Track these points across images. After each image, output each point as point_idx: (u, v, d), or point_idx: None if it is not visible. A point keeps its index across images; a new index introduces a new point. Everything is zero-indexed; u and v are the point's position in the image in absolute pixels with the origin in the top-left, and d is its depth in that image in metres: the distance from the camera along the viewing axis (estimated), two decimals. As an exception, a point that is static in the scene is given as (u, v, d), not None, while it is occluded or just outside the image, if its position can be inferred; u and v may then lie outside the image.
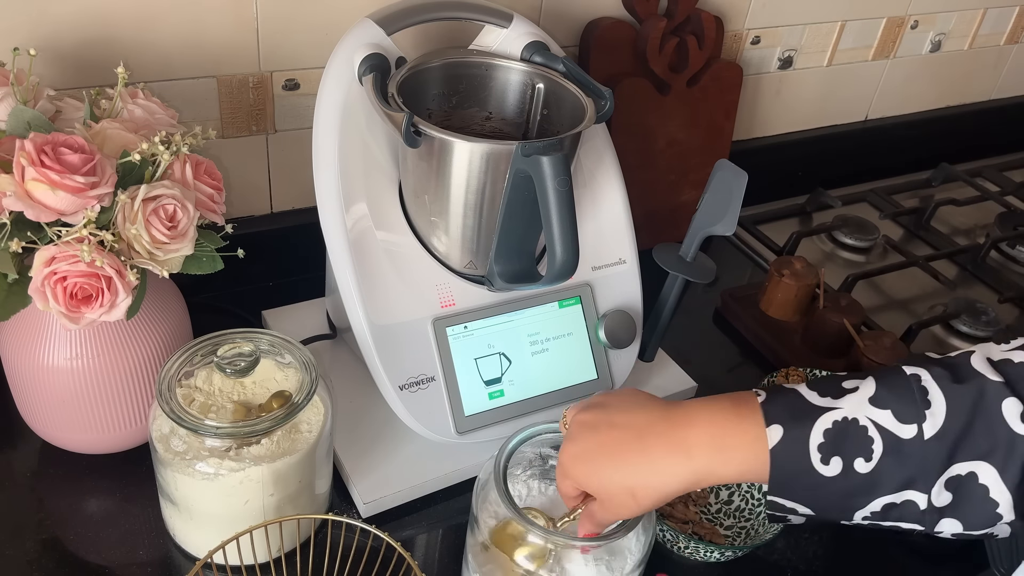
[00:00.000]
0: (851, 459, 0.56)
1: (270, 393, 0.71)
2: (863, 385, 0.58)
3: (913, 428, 0.55)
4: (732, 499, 0.84)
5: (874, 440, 0.56)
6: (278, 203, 1.02)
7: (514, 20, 0.82)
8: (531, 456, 0.72)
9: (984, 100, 1.57)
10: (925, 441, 0.55)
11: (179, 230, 0.68)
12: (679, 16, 1.07)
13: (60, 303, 0.65)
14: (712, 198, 0.84)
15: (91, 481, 0.78)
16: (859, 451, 0.56)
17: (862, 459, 0.56)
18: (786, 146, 1.35)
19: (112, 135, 0.70)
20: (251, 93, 0.92)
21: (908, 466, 0.55)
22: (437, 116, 0.82)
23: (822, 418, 0.57)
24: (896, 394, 0.56)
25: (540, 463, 0.72)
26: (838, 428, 0.56)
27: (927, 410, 0.55)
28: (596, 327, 0.85)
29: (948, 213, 1.38)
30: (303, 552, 0.73)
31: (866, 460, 0.56)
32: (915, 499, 0.56)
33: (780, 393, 0.59)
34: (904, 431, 0.55)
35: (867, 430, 0.56)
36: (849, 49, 1.32)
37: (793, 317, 1.06)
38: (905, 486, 0.56)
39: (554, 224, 0.69)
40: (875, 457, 0.55)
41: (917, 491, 0.56)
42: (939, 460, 0.55)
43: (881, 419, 0.56)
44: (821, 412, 0.57)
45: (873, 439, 0.56)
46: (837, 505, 0.57)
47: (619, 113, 1.05)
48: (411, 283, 0.78)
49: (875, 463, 0.56)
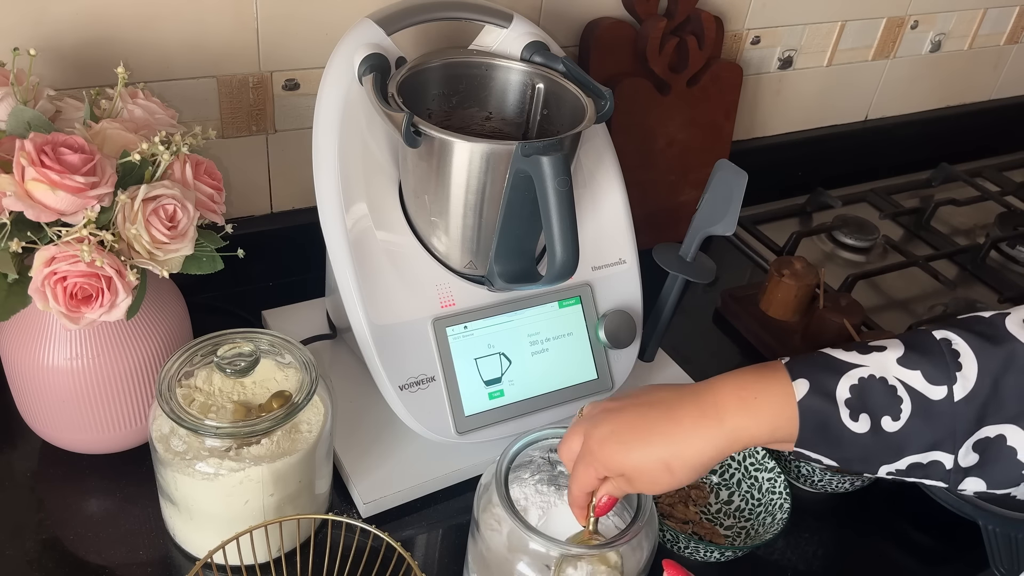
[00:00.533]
0: (879, 416, 0.56)
1: (270, 393, 0.71)
2: (890, 346, 0.58)
3: (943, 389, 0.55)
4: (732, 499, 0.84)
5: (903, 400, 0.55)
6: (278, 203, 1.02)
7: (514, 20, 0.82)
8: (539, 461, 0.72)
9: (984, 100, 1.57)
10: (955, 403, 0.55)
11: (179, 230, 0.68)
12: (679, 16, 1.07)
13: (60, 303, 0.65)
14: (712, 198, 0.84)
15: (91, 481, 0.78)
16: (887, 409, 0.56)
17: (889, 417, 0.55)
18: (786, 146, 1.35)
19: (112, 135, 0.70)
20: (251, 93, 0.92)
21: (937, 427, 0.55)
22: (437, 116, 0.82)
23: (848, 374, 0.56)
24: (926, 356, 0.56)
25: (548, 468, 0.72)
26: (864, 384, 0.56)
27: (958, 372, 0.55)
28: (596, 327, 0.85)
29: (948, 213, 1.38)
30: (303, 552, 0.73)
31: (893, 419, 0.55)
32: (941, 459, 0.56)
33: (803, 355, 0.59)
34: (934, 392, 0.55)
35: (896, 389, 0.56)
36: (849, 49, 1.32)
37: (793, 317, 1.06)
38: (933, 447, 0.55)
39: (554, 224, 0.69)
40: (903, 416, 0.55)
41: (944, 451, 0.55)
42: (969, 422, 0.55)
43: (910, 379, 0.56)
44: (848, 368, 0.57)
45: (902, 399, 0.55)
46: (862, 459, 0.57)
47: (619, 113, 1.05)
48: (411, 283, 0.78)
49: (903, 422, 0.55)
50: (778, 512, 0.79)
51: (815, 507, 0.86)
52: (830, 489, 0.84)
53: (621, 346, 0.85)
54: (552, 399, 0.83)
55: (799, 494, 0.85)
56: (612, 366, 0.86)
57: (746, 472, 0.84)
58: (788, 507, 0.78)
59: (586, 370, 0.85)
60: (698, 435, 0.59)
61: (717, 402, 0.59)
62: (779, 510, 0.79)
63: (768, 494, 0.81)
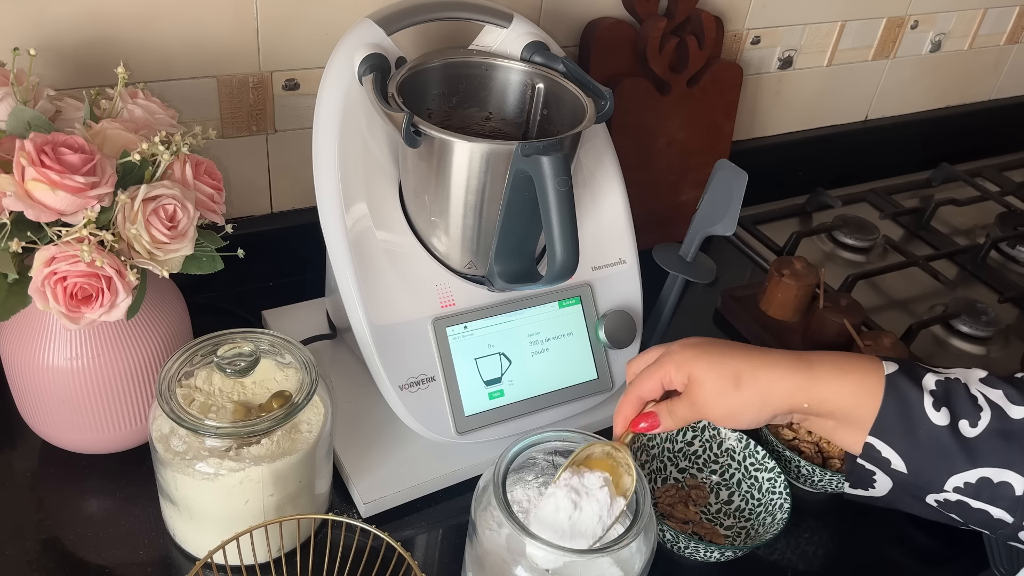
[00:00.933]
0: (958, 418, 0.55)
1: (270, 393, 0.71)
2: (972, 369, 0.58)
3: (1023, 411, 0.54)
4: (732, 499, 0.84)
5: (983, 409, 0.55)
6: (278, 203, 1.02)
7: (514, 20, 0.82)
8: (543, 463, 0.71)
9: (984, 100, 1.57)
10: None
11: (179, 230, 0.68)
12: (679, 16, 1.07)
13: (60, 303, 0.65)
14: (712, 198, 0.84)
15: (91, 481, 0.78)
16: (967, 413, 0.55)
17: (967, 422, 0.55)
18: (786, 146, 1.35)
19: (112, 135, 0.70)
20: (251, 93, 0.92)
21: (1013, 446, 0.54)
22: (437, 116, 0.82)
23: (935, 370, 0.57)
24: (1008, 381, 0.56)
25: (552, 471, 0.72)
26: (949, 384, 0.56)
27: None
28: (596, 327, 0.85)
29: (948, 213, 1.38)
30: (303, 552, 0.73)
31: (971, 425, 0.55)
32: (1013, 482, 0.54)
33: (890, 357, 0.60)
34: (1014, 412, 0.55)
35: (977, 399, 0.55)
36: (849, 49, 1.32)
37: (793, 317, 1.06)
38: (1007, 465, 0.54)
39: (554, 224, 0.69)
40: (981, 426, 0.55)
41: (1017, 473, 0.54)
42: None
43: (992, 395, 0.55)
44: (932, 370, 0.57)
45: (982, 408, 0.55)
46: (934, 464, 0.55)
47: (619, 113, 1.05)
48: (411, 283, 0.78)
49: (980, 431, 0.54)
50: (778, 512, 0.79)
51: (815, 507, 0.86)
52: (830, 489, 0.84)
53: (621, 346, 0.85)
54: (552, 399, 0.83)
55: (799, 494, 0.85)
56: (612, 366, 0.86)
57: (746, 472, 0.84)
58: (788, 507, 0.78)
59: (586, 370, 0.85)
60: (782, 368, 0.58)
61: (810, 358, 0.59)
62: (779, 510, 0.79)
63: (768, 494, 0.81)
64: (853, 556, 0.82)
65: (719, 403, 0.59)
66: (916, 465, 0.56)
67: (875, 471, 0.58)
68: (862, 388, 0.57)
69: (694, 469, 0.86)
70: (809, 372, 0.58)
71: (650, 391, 0.62)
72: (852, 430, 0.58)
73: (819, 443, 0.86)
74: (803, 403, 0.58)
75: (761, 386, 0.58)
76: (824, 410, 0.57)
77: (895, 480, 0.57)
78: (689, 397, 0.60)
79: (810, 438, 0.86)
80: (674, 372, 0.61)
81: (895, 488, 0.58)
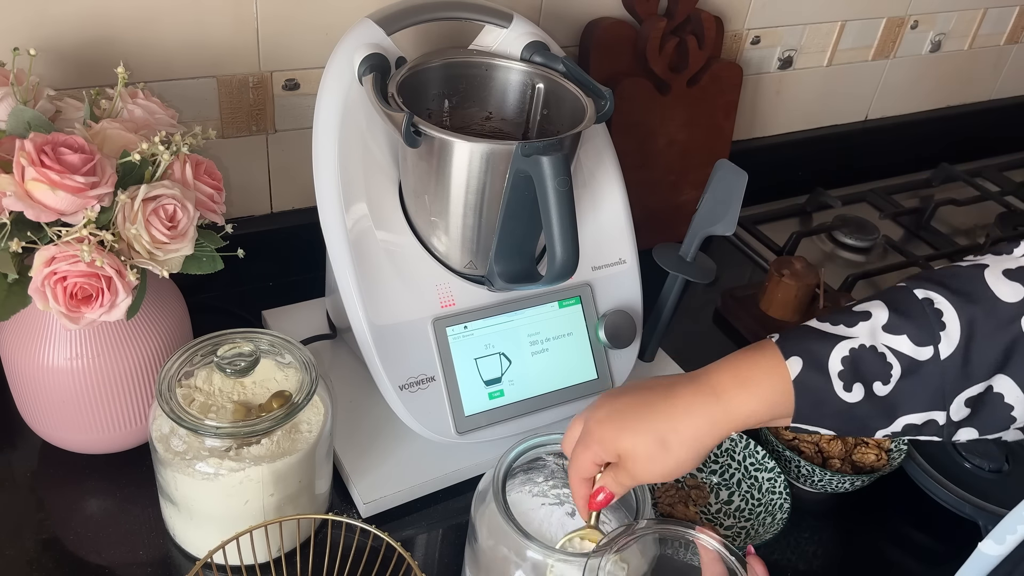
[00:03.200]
0: (870, 383, 0.56)
1: (270, 393, 0.71)
2: (874, 311, 0.58)
3: (929, 350, 0.56)
4: (732, 499, 0.84)
5: (892, 365, 0.56)
6: (278, 203, 1.02)
7: (514, 20, 0.82)
8: (553, 467, 0.71)
9: (984, 100, 1.57)
10: (942, 361, 0.56)
11: (179, 230, 0.68)
12: (679, 16, 1.07)
13: (60, 303, 0.65)
14: (712, 198, 0.84)
15: (91, 481, 0.78)
16: (877, 375, 0.56)
17: (880, 382, 0.56)
18: (786, 146, 1.35)
19: (112, 135, 0.70)
20: (251, 93, 0.92)
21: (928, 387, 0.56)
22: (437, 116, 0.82)
23: (839, 346, 0.57)
24: (910, 319, 0.57)
25: (563, 474, 0.71)
26: (855, 355, 0.56)
27: (942, 331, 0.56)
28: (596, 327, 0.85)
29: (948, 213, 1.38)
30: (303, 552, 0.73)
31: (884, 383, 0.56)
32: (935, 417, 0.57)
33: (792, 330, 0.60)
34: (921, 353, 0.56)
35: (885, 356, 0.56)
36: (849, 49, 1.32)
37: (793, 317, 1.06)
38: (925, 407, 0.56)
39: (554, 224, 0.69)
40: (893, 380, 0.56)
41: (936, 409, 0.56)
42: (956, 379, 0.56)
43: (897, 344, 0.56)
44: (837, 340, 0.57)
45: (891, 364, 0.56)
46: (859, 427, 0.58)
47: (619, 113, 1.05)
48: (411, 283, 0.78)
49: (893, 386, 0.56)
50: (778, 512, 0.79)
51: (815, 507, 0.86)
52: (830, 489, 0.84)
53: (621, 346, 0.85)
54: (552, 399, 0.83)
55: (799, 494, 0.85)
56: (612, 366, 0.86)
57: (746, 472, 0.84)
58: (788, 507, 0.78)
59: (586, 370, 0.85)
60: (695, 411, 0.59)
61: (713, 383, 0.59)
62: (779, 510, 0.79)
63: (768, 494, 0.81)
64: (853, 556, 0.82)
65: (656, 469, 0.60)
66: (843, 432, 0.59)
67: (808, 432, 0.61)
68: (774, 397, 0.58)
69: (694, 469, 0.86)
70: (718, 402, 0.59)
71: (588, 470, 0.64)
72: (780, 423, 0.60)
73: (819, 443, 0.86)
74: (727, 432, 0.59)
75: (685, 438, 0.59)
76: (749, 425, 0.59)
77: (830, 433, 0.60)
78: (626, 468, 0.62)
79: (810, 438, 0.86)
80: (602, 452, 0.62)
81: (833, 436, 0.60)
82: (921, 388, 0.56)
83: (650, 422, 0.60)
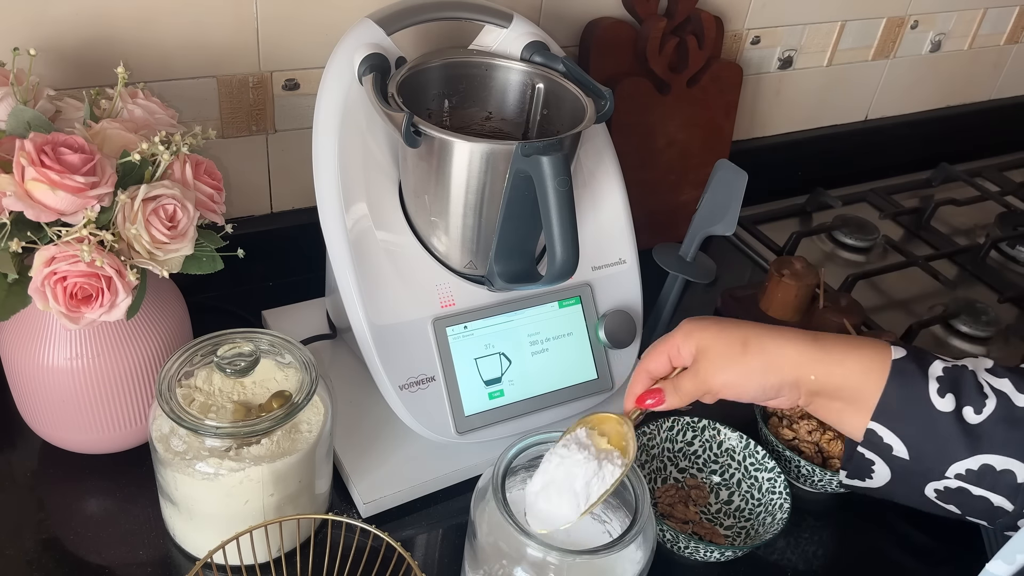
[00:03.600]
0: (963, 404, 0.55)
1: (270, 393, 0.71)
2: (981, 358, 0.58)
3: None
4: (732, 499, 0.84)
5: (988, 397, 0.55)
6: (278, 203, 1.02)
7: (514, 20, 0.82)
8: None
9: (984, 100, 1.57)
10: None
11: (179, 230, 0.68)
12: (679, 16, 1.07)
13: (60, 303, 0.65)
14: (712, 198, 0.84)
15: (91, 481, 0.78)
16: (971, 400, 0.55)
17: (972, 409, 0.54)
18: (786, 146, 1.35)
19: (112, 135, 0.70)
20: (251, 93, 0.92)
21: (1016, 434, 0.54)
22: (437, 116, 0.82)
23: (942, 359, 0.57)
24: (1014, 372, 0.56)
25: None
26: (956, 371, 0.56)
27: None
28: (596, 327, 0.85)
29: (948, 213, 1.38)
30: (303, 552, 0.73)
31: (976, 412, 0.54)
32: (1015, 469, 0.54)
33: None
34: (1020, 400, 0.54)
35: (983, 387, 0.55)
36: (849, 49, 1.32)
37: (793, 317, 1.06)
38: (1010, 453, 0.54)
39: (554, 224, 0.69)
40: (986, 412, 0.54)
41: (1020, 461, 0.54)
42: None
43: (998, 384, 0.55)
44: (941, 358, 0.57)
45: (988, 396, 0.55)
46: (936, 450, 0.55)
47: (619, 113, 1.05)
48: (411, 283, 0.78)
49: (984, 418, 0.54)
50: (778, 512, 0.79)
51: (815, 507, 0.86)
52: (830, 489, 0.84)
53: (621, 346, 0.85)
54: (552, 399, 0.83)
55: (799, 494, 0.85)
56: (612, 366, 0.86)
57: (746, 472, 0.84)
58: (788, 507, 0.78)
59: (586, 370, 0.85)
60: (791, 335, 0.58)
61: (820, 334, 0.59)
62: (779, 510, 0.79)
63: (768, 494, 0.81)
64: (853, 556, 0.82)
65: (724, 368, 0.58)
66: (918, 451, 0.56)
67: (875, 461, 0.57)
68: (868, 367, 0.57)
69: (694, 469, 0.86)
70: (817, 345, 0.58)
71: (658, 366, 0.62)
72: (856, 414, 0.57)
73: (819, 443, 0.86)
74: (809, 375, 0.57)
75: (768, 352, 0.57)
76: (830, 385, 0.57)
77: (895, 469, 0.56)
78: (695, 367, 0.60)
79: (810, 438, 0.86)
80: (682, 342, 0.61)
81: (894, 478, 0.57)
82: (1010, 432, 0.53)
83: (742, 328, 0.59)
